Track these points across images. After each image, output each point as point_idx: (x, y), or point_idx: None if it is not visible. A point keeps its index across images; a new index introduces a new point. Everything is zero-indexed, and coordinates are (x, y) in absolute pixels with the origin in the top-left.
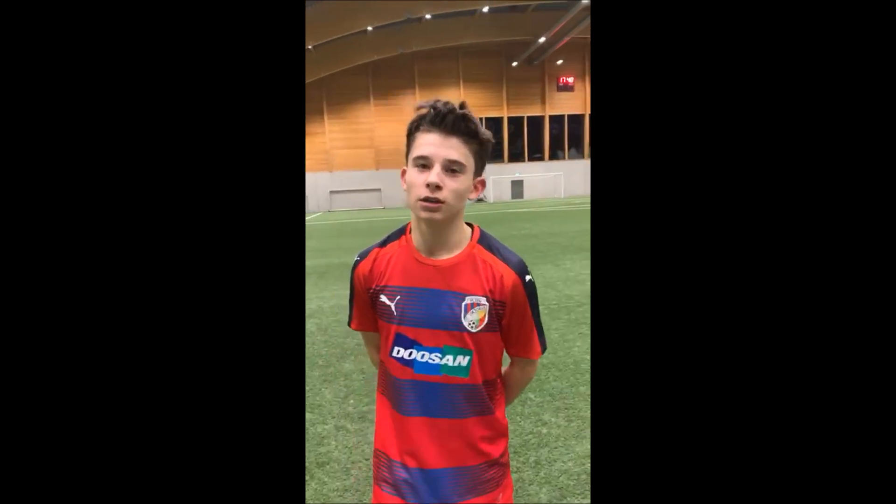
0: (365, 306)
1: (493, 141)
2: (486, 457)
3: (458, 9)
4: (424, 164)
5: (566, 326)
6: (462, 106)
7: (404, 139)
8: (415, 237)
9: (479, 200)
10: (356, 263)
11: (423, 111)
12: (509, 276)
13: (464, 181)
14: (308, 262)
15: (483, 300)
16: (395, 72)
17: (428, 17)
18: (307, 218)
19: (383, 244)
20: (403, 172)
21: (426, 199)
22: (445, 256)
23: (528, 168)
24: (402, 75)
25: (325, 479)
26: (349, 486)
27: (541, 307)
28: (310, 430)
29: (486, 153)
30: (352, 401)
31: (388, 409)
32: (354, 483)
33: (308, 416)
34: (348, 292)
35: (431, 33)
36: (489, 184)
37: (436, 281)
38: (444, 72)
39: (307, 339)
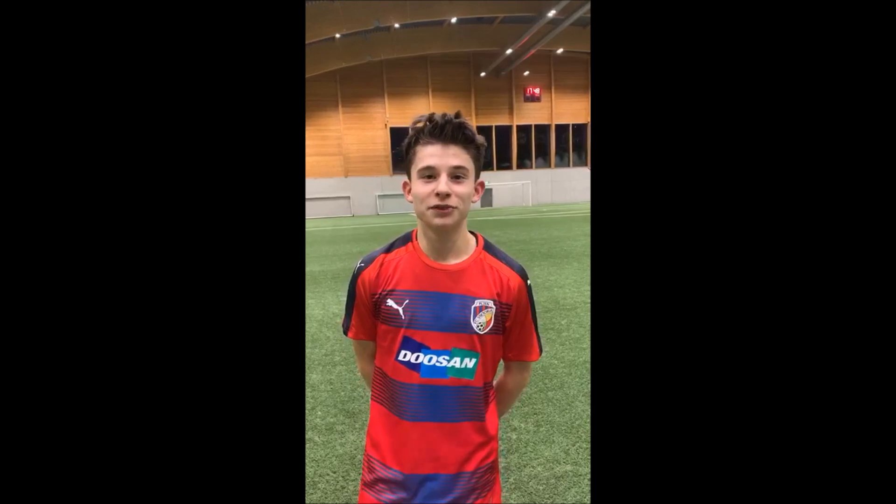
0: (366, 313)
1: (485, 145)
2: (484, 460)
3: (427, 18)
4: (430, 174)
5: None
6: (457, 115)
7: (373, 147)
8: (422, 243)
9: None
10: (360, 269)
11: (421, 124)
12: (515, 280)
13: (468, 185)
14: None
15: (491, 303)
16: (363, 80)
17: (397, 25)
18: None
19: (388, 250)
20: (405, 185)
21: (437, 207)
22: (454, 261)
23: (496, 177)
24: (370, 83)
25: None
26: (317, 500)
27: None
28: None
29: (482, 157)
30: (319, 412)
31: (384, 415)
32: (322, 497)
33: None
34: (345, 301)
35: (400, 42)
36: None
37: (446, 284)
38: (413, 80)
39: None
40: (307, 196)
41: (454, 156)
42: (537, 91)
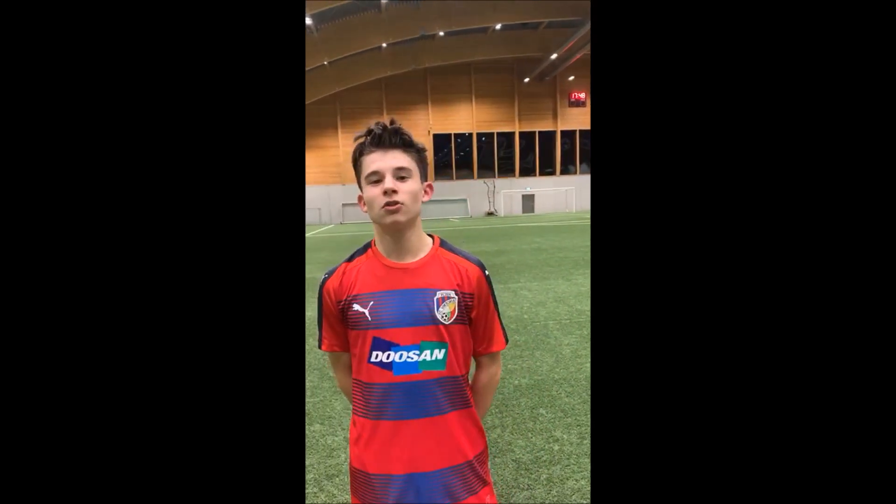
0: (336, 322)
1: (425, 149)
2: (472, 452)
3: (471, 26)
4: (377, 178)
5: (578, 342)
6: (392, 122)
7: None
8: (380, 247)
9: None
10: (324, 280)
11: (362, 138)
12: (473, 271)
13: (413, 184)
14: (320, 274)
15: (452, 293)
16: (408, 87)
17: (441, 34)
18: (321, 230)
19: (350, 259)
20: (360, 198)
21: (386, 205)
22: (412, 259)
23: (539, 182)
24: (415, 90)
25: (335, 492)
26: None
27: (552, 322)
28: (319, 442)
29: (425, 160)
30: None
31: (365, 424)
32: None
33: (318, 427)
34: (316, 314)
35: (444, 50)
36: (501, 198)
37: (406, 281)
38: (457, 87)
39: (318, 351)
40: (351, 201)
41: (395, 158)
42: (582, 96)
